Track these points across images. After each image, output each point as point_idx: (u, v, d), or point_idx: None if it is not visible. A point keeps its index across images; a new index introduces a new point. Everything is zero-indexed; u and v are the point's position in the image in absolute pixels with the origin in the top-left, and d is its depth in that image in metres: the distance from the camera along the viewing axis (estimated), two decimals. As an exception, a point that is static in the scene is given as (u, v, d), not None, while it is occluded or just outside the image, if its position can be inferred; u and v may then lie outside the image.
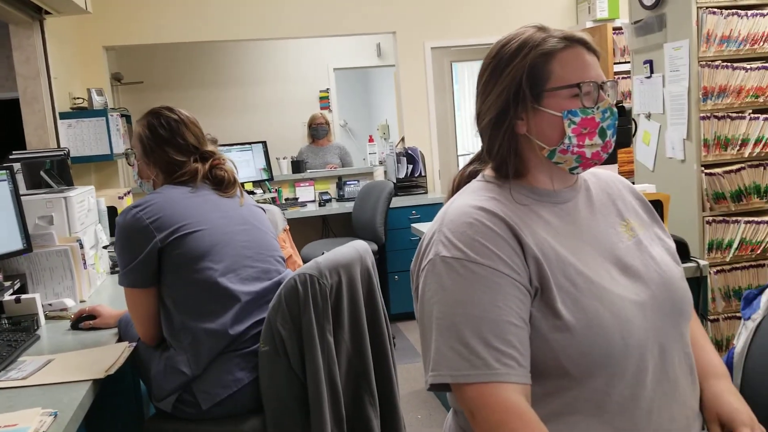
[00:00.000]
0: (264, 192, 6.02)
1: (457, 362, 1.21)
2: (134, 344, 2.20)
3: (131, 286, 2.15)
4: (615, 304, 1.28)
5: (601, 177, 1.54)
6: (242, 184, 2.44)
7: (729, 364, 1.62)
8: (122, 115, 5.71)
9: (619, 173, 3.59)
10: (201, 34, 5.98)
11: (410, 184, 6.13)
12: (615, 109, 1.36)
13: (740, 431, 1.33)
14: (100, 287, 2.99)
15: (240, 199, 2.36)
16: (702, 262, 2.79)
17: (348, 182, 6.28)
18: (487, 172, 1.45)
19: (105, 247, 3.19)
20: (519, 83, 1.34)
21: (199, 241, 2.13)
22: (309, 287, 2.03)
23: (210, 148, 2.37)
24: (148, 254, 2.08)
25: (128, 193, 4.19)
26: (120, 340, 2.28)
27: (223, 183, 2.32)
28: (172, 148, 2.26)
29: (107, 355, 2.06)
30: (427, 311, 1.28)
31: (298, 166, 6.50)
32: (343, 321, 2.16)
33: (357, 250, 2.27)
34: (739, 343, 1.63)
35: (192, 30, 5.93)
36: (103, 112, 5.08)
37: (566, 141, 1.33)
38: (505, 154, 1.38)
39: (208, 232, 2.16)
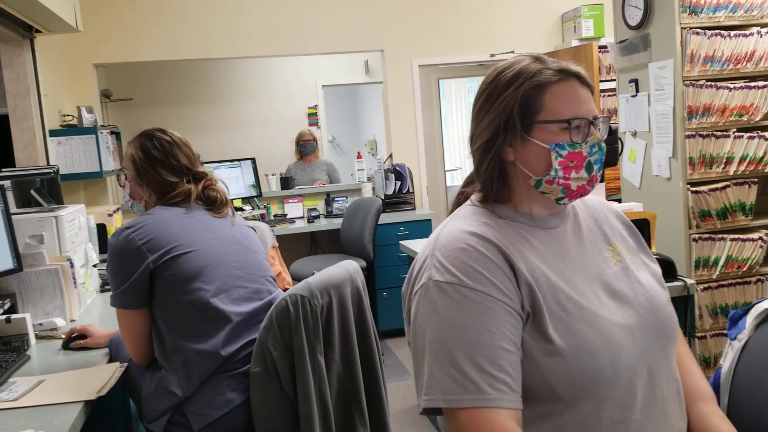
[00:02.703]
0: (253, 208, 6.02)
1: (450, 386, 1.23)
2: (125, 365, 2.20)
3: (123, 307, 2.15)
4: (604, 328, 1.30)
5: (588, 203, 1.56)
6: (231, 201, 2.46)
7: (716, 385, 1.64)
8: (112, 132, 5.71)
9: (606, 191, 3.65)
10: (190, 51, 6.00)
11: (398, 200, 6.14)
12: (603, 145, 1.39)
13: None
14: (90, 306, 2.99)
15: (232, 219, 2.37)
16: (689, 281, 2.81)
17: (336, 198, 6.29)
18: (475, 196, 1.47)
19: (95, 266, 3.19)
20: (511, 112, 1.36)
21: (190, 262, 2.14)
22: (300, 308, 2.05)
23: (201, 168, 2.39)
24: (141, 275, 2.09)
25: (117, 210, 4.18)
26: (111, 360, 2.28)
27: (215, 203, 2.34)
28: (165, 170, 2.28)
29: (98, 376, 2.06)
30: (420, 335, 1.30)
31: (286, 182, 6.51)
32: (333, 341, 2.17)
33: (347, 270, 2.28)
34: (726, 363, 1.64)
35: (181, 47, 5.95)
36: (92, 130, 5.08)
37: (552, 173, 1.36)
38: (490, 178, 1.41)
39: (200, 252, 2.17)
